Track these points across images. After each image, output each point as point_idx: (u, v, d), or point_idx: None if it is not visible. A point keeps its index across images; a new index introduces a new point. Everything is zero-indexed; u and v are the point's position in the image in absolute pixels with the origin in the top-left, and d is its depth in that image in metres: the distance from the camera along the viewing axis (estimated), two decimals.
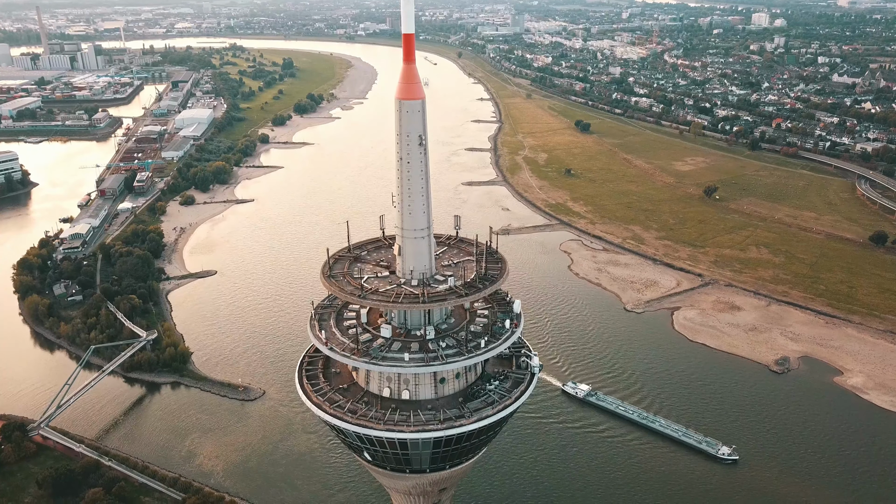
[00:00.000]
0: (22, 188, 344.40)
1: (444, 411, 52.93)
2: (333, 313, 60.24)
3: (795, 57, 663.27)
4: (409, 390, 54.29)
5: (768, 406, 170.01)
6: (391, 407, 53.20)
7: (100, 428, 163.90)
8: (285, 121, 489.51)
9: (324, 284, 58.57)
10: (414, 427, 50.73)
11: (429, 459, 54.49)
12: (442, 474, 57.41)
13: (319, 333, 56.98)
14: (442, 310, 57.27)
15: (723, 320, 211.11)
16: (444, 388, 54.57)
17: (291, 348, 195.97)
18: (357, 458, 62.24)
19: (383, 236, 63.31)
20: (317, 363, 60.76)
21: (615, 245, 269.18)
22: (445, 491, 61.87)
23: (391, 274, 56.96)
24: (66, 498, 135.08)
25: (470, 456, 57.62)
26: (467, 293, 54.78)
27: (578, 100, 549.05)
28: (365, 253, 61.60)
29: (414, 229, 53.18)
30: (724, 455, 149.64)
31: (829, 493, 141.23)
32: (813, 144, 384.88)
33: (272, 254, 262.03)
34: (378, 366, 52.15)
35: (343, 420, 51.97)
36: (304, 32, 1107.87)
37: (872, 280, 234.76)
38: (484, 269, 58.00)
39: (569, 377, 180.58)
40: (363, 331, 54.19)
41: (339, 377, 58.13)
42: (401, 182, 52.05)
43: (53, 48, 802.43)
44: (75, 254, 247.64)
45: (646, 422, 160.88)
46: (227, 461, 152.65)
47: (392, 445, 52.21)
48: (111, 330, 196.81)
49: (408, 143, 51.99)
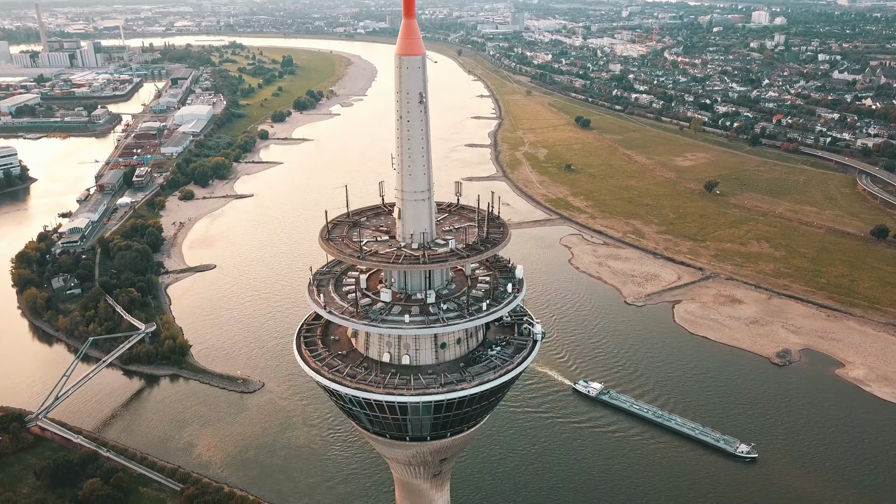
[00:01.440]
0: (21, 183, 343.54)
1: (445, 375, 52.09)
2: (332, 279, 59.47)
3: (795, 54, 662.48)
4: (409, 355, 53.33)
5: (774, 400, 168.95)
6: (391, 372, 52.37)
7: (98, 420, 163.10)
8: (285, 117, 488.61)
9: (322, 247, 57.80)
10: (414, 390, 49.80)
11: (429, 426, 53.53)
12: (443, 442, 56.40)
13: (318, 298, 56.23)
14: (443, 274, 56.40)
15: (724, 313, 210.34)
16: (444, 353, 53.66)
17: (291, 341, 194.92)
18: (357, 430, 61.35)
19: (383, 203, 62.47)
20: (315, 330, 59.93)
21: (615, 239, 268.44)
22: (446, 462, 60.84)
23: (391, 239, 56.17)
24: (64, 488, 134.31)
25: (471, 424, 56.58)
26: (469, 255, 54.02)
27: (578, 97, 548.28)
28: (364, 219, 60.77)
29: (414, 191, 52.24)
30: (743, 453, 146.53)
31: (848, 492, 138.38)
32: (813, 140, 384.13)
33: (271, 248, 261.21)
34: (377, 328, 51.23)
35: (342, 384, 51.06)
36: (304, 31, 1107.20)
37: (874, 274, 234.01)
38: (486, 233, 57.31)
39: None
40: (362, 296, 53.35)
41: (337, 344, 57.24)
42: (400, 142, 51.05)
43: (53, 46, 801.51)
44: (74, 248, 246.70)
45: (661, 420, 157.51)
46: (225, 452, 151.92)
47: (392, 410, 51.25)
48: (110, 323, 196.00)
49: (408, 100, 51.05)
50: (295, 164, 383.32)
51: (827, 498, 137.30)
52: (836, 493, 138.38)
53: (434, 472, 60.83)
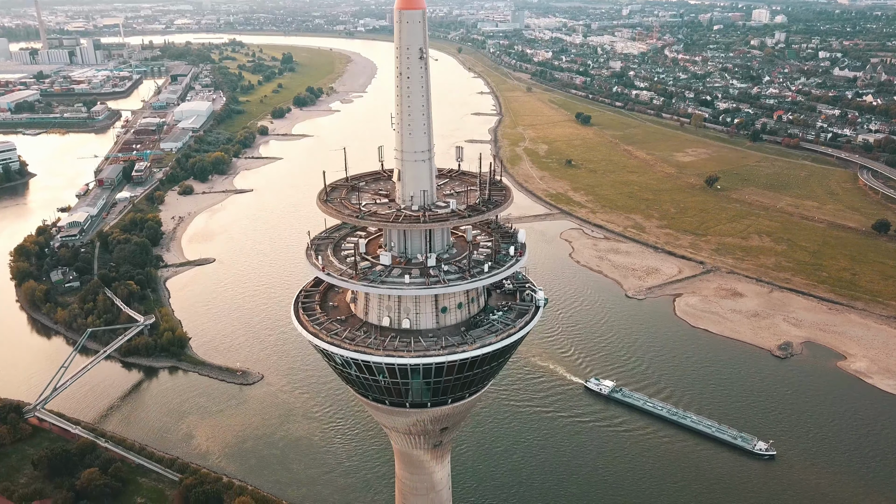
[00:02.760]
0: (20, 178, 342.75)
1: (446, 338, 51.20)
2: (331, 245, 58.66)
3: (796, 52, 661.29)
4: (409, 319, 52.39)
5: (781, 393, 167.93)
6: (391, 335, 51.53)
7: (97, 411, 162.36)
8: (284, 113, 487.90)
9: (319, 208, 56.97)
10: (414, 352, 48.92)
11: (430, 391, 52.61)
12: (444, 409, 55.40)
13: (316, 261, 55.42)
14: (443, 237, 55.52)
15: (725, 306, 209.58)
16: (445, 317, 52.74)
17: (291, 335, 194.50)
18: (357, 401, 60.41)
19: (382, 169, 61.60)
20: (313, 296, 59.14)
21: (616, 233, 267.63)
22: (447, 432, 59.87)
23: (391, 202, 55.37)
24: (62, 478, 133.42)
25: (473, 390, 55.59)
26: (470, 214, 53.22)
27: (579, 93, 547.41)
28: (363, 184, 59.92)
29: (414, 151, 51.21)
30: (761, 450, 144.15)
31: (859, 488, 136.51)
32: (814, 136, 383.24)
33: (271, 242, 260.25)
34: (377, 288, 50.30)
35: (340, 346, 50.15)
36: (304, 29, 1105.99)
37: (875, 267, 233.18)
38: (488, 195, 56.56)
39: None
40: (361, 259, 52.49)
41: (336, 310, 56.36)
42: (400, 100, 49.93)
43: (52, 43, 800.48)
44: (72, 241, 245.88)
45: (676, 418, 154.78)
46: (224, 443, 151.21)
47: (391, 373, 50.29)
48: (108, 315, 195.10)
49: (407, 56, 49.98)
50: (294, 159, 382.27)
51: (843, 493, 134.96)
52: (850, 489, 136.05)
53: (435, 443, 59.83)
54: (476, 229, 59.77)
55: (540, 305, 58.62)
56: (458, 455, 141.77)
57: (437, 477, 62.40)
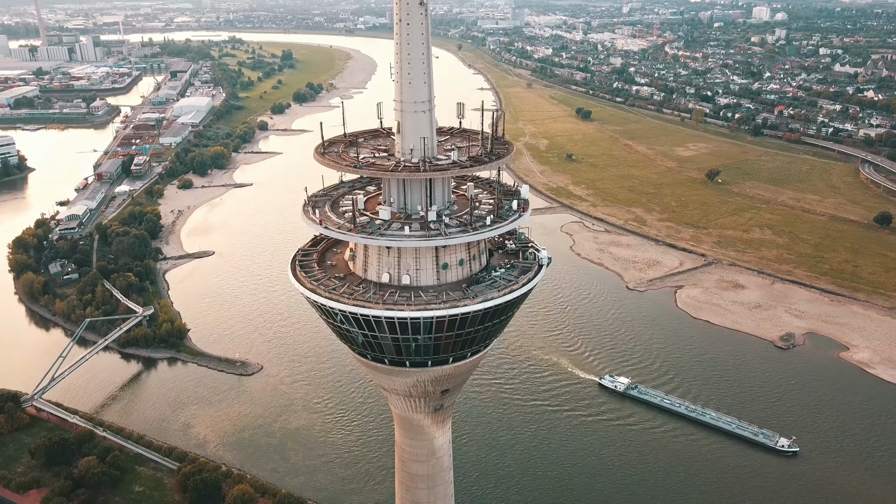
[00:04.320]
0: (18, 173, 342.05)
1: (447, 293, 50.10)
2: (329, 202, 57.68)
3: (797, 48, 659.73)
4: (409, 275, 51.24)
5: (782, 384, 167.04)
6: (390, 291, 50.46)
7: (95, 402, 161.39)
8: (284, 109, 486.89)
9: (316, 160, 55.95)
10: (415, 306, 47.81)
11: (430, 348, 51.50)
12: (445, 369, 54.20)
13: (313, 215, 54.43)
14: (444, 192, 54.43)
15: (726, 298, 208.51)
16: (446, 274, 51.60)
17: (291, 327, 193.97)
18: (356, 364, 59.20)
19: (381, 126, 60.55)
20: (311, 256, 58.12)
21: (617, 227, 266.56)
22: (448, 395, 58.68)
23: (390, 156, 54.31)
24: (59, 467, 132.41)
25: (474, 349, 54.44)
26: (472, 164, 52.22)
27: (579, 89, 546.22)
28: (362, 140, 58.86)
29: (414, 101, 50.05)
30: (783, 447, 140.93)
31: (876, 481, 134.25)
32: (816, 130, 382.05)
33: (270, 236, 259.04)
34: (376, 240, 49.14)
35: (339, 301, 49.00)
36: (304, 26, 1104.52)
37: (877, 260, 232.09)
38: (490, 149, 55.56)
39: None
40: (360, 215, 51.39)
41: (334, 269, 55.32)
42: (399, 48, 48.66)
43: (51, 40, 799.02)
44: (71, 234, 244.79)
45: (694, 415, 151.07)
46: (222, 433, 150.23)
47: (391, 328, 49.08)
48: (107, 307, 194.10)
49: (407, 2, 48.87)
50: (294, 154, 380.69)
51: (868, 490, 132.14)
52: (877, 486, 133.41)
53: (435, 406, 58.67)
54: (478, 188, 58.86)
55: (543, 264, 57.51)
56: (473, 455, 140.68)
57: (437, 443, 61.26)
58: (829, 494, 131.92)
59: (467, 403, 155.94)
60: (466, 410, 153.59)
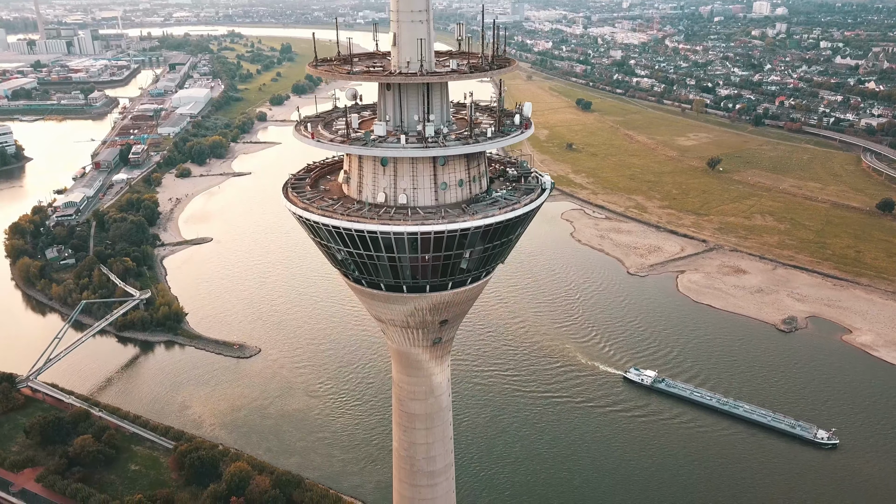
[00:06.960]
0: (16, 162, 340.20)
1: (446, 211, 48.38)
2: (321, 122, 56.11)
3: (798, 41, 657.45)
4: (406, 195, 49.57)
5: (783, 366, 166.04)
6: (386, 208, 48.82)
7: (92, 384, 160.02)
8: (283, 100, 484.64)
9: (309, 71, 54.38)
10: (412, 221, 46.07)
11: (429, 270, 49.78)
12: (443, 295, 52.42)
13: (305, 131, 52.78)
14: (443, 108, 52.80)
15: (728, 283, 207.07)
16: (445, 194, 49.92)
17: (290, 311, 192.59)
18: (352, 296, 57.19)
19: (376, 49, 59.02)
20: (304, 181, 56.58)
21: (618, 214, 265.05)
22: (446, 326, 56.94)
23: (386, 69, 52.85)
24: (55, 446, 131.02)
25: (474, 274, 52.78)
26: (472, 72, 50.62)
27: (579, 81, 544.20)
28: (357, 60, 57.33)
29: (411, 10, 48.41)
30: (823, 439, 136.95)
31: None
32: (817, 120, 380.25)
33: (268, 223, 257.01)
34: (370, 150, 47.43)
35: (333, 217, 47.26)
36: (303, 21, 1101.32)
37: (880, 245, 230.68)
38: (491, 60, 53.99)
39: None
40: (355, 132, 49.77)
41: (328, 193, 53.74)
42: None
43: (50, 34, 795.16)
44: (68, 220, 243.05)
45: (727, 408, 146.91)
46: (219, 413, 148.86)
47: (387, 246, 47.34)
48: (104, 291, 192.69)
49: None
50: (293, 143, 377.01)
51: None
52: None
53: (434, 339, 56.93)
54: (478, 111, 57.44)
55: (546, 188, 55.98)
56: (500, 455, 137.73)
57: (436, 380, 59.50)
58: (873, 488, 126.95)
59: (496, 400, 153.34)
60: (499, 407, 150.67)
